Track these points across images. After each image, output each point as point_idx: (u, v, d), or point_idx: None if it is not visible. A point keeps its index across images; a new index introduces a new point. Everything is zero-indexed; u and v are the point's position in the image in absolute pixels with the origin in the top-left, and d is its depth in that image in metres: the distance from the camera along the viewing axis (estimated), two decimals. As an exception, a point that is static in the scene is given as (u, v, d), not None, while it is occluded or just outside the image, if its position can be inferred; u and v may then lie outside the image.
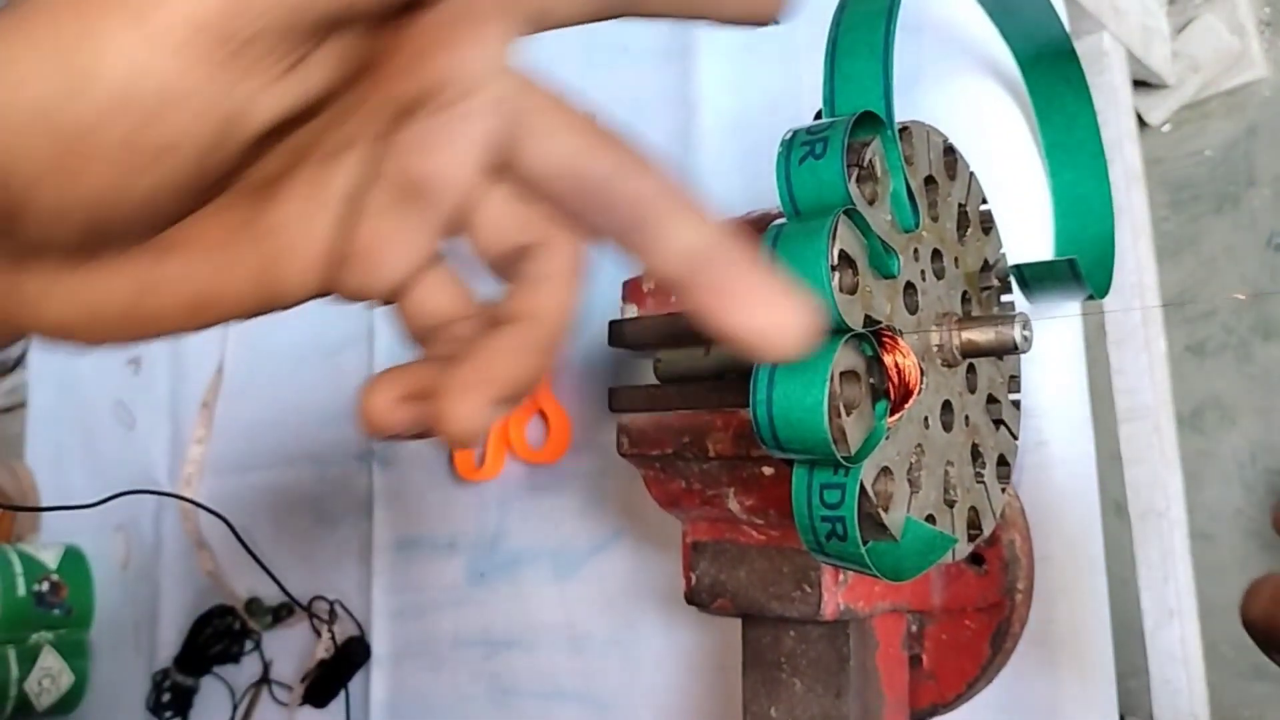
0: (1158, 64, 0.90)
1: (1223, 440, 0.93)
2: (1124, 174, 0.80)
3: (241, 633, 0.85)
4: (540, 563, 0.69)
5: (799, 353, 0.24)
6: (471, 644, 0.71)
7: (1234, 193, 0.94)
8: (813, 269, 0.33)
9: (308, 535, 0.82)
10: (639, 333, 0.48)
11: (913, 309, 0.38)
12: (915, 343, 0.38)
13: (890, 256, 0.36)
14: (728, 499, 0.46)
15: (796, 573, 0.45)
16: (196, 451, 0.90)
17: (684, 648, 0.62)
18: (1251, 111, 0.94)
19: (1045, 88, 0.50)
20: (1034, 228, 0.51)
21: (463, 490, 0.73)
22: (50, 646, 0.97)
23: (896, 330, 0.37)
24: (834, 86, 0.37)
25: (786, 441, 0.34)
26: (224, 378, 0.90)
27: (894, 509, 0.36)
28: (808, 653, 0.47)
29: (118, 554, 0.97)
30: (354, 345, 0.81)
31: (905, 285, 0.38)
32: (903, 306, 0.38)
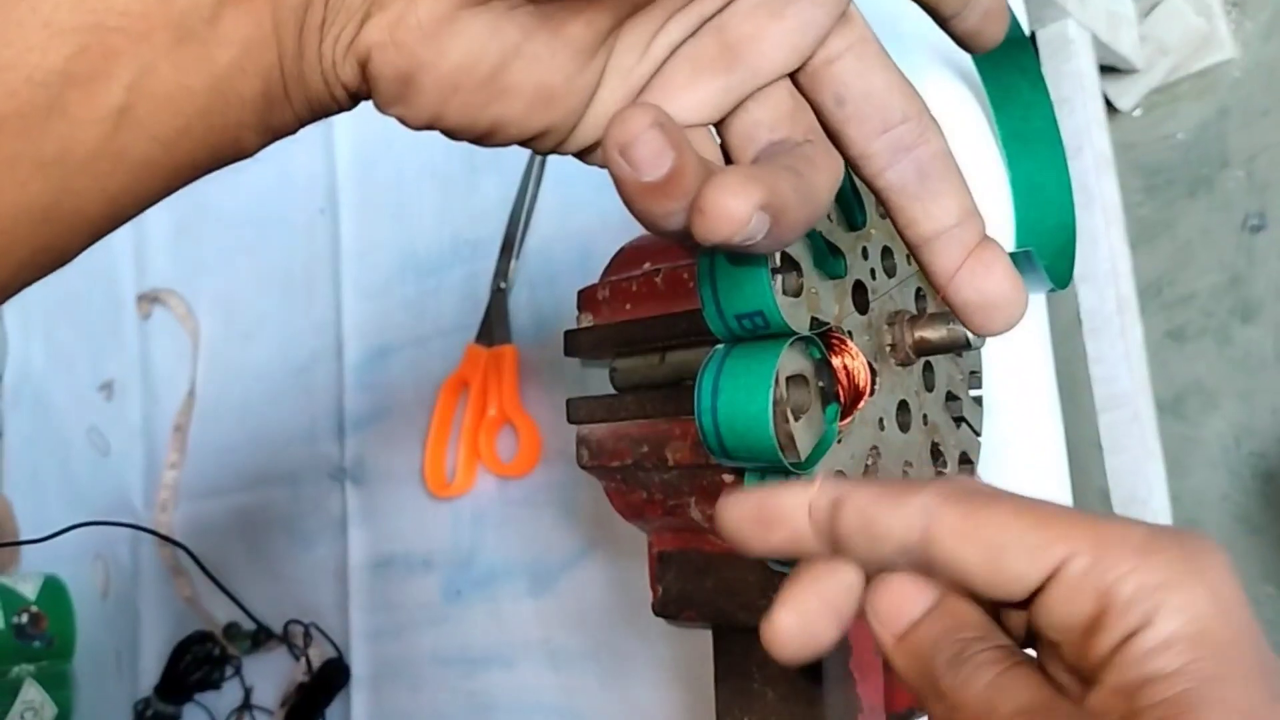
0: (1125, 49, 0.89)
1: (1206, 425, 0.92)
2: (1094, 161, 0.79)
3: (221, 658, 0.84)
4: (516, 578, 0.68)
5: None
6: (450, 662, 0.70)
7: (1207, 175, 0.93)
8: (754, 271, 0.33)
9: (284, 557, 0.81)
10: (594, 342, 0.47)
11: (863, 308, 0.37)
12: (867, 343, 0.37)
13: (836, 257, 0.36)
14: (690, 508, 0.45)
15: (762, 581, 0.44)
16: (170, 476, 0.89)
17: (661, 659, 0.61)
18: (1222, 93, 0.94)
19: (1000, 77, 0.49)
20: (993, 220, 0.50)
21: (436, 507, 0.72)
22: (32, 679, 0.95)
23: (845, 331, 0.36)
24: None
25: (734, 450, 0.33)
26: (196, 400, 0.89)
27: (850, 514, 0.35)
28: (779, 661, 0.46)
29: (97, 582, 0.96)
30: (323, 361, 0.80)
31: (854, 284, 0.37)
32: (852, 307, 0.37)
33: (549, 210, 0.69)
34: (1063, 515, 0.25)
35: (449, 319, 0.73)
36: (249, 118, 0.26)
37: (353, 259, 0.79)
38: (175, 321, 0.91)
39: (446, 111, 0.27)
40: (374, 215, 0.78)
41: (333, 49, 0.26)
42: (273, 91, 0.26)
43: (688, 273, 0.44)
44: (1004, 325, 0.28)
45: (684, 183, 0.23)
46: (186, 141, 0.26)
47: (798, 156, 0.27)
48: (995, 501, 0.25)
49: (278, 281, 0.84)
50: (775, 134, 0.28)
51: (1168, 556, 0.23)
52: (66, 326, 1.03)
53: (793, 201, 0.25)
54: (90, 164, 0.25)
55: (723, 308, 0.33)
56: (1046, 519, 0.24)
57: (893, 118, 0.28)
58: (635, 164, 0.23)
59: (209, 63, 0.25)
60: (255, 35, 0.25)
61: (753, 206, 0.23)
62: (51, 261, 0.27)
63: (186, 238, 0.92)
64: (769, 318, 0.33)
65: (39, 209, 0.25)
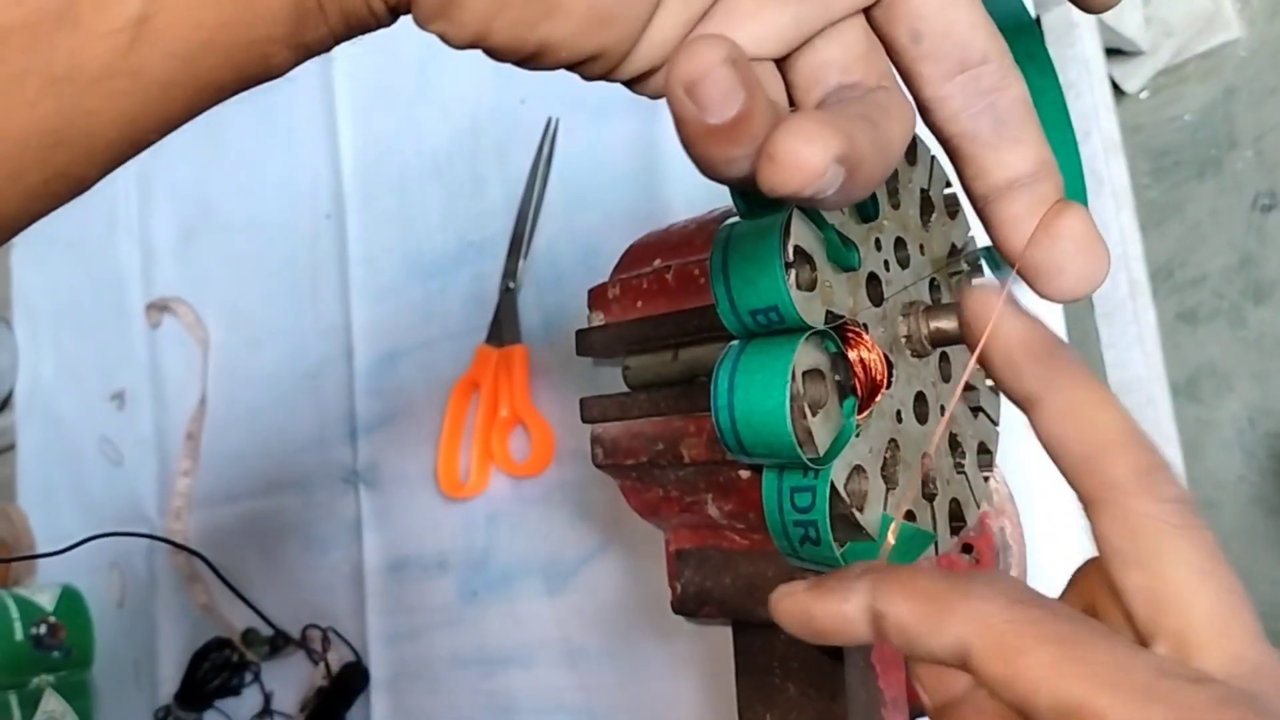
0: (1131, 31, 0.89)
1: (1221, 407, 0.92)
2: (1102, 144, 0.79)
3: (240, 665, 0.84)
4: (531, 577, 0.68)
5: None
6: (469, 663, 0.70)
7: (1216, 156, 0.93)
8: (767, 267, 0.32)
9: (299, 562, 0.81)
10: (606, 341, 0.47)
11: (877, 300, 0.37)
12: (882, 335, 0.37)
13: (849, 249, 0.35)
14: (707, 505, 0.45)
15: (782, 576, 0.44)
16: (183, 484, 0.89)
17: (679, 655, 0.61)
18: (1229, 73, 0.93)
19: (1007, 63, 0.49)
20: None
21: (450, 508, 0.72)
22: (52, 689, 0.96)
23: (860, 324, 0.36)
24: (781, 77, 0.36)
25: (751, 447, 0.33)
26: (207, 408, 0.89)
27: (869, 508, 0.35)
28: (800, 655, 0.46)
29: (113, 592, 0.96)
30: (333, 366, 0.80)
31: (868, 276, 0.37)
32: (866, 299, 0.37)
33: (555, 209, 0.69)
34: (1108, 676, 0.22)
35: (457, 321, 0.72)
36: (279, 31, 0.24)
37: (359, 263, 0.79)
38: (184, 330, 0.91)
39: (493, 29, 0.24)
40: (379, 219, 0.78)
41: None
42: (305, 2, 0.24)
43: (698, 269, 0.44)
44: (1077, 290, 0.25)
45: (753, 126, 0.21)
46: (210, 57, 0.23)
47: (871, 104, 0.25)
48: (1034, 647, 0.23)
49: (285, 287, 0.84)
50: (847, 77, 0.26)
51: None
52: (76, 337, 1.03)
53: (869, 153, 0.22)
54: (105, 81, 0.22)
55: (736, 304, 0.33)
56: (1087, 678, 0.22)
57: (972, 57, 0.26)
58: (702, 103, 0.20)
59: None
60: None
61: (830, 156, 0.21)
62: (67, 189, 0.25)
63: (193, 246, 0.92)
64: (784, 313, 0.32)
65: (50, 131, 0.23)
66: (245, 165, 0.88)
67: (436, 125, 0.75)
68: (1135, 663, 0.22)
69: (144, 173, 0.96)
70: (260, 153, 0.87)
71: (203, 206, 0.92)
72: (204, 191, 0.92)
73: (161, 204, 0.95)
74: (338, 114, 0.81)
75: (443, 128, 0.75)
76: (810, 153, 0.20)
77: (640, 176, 0.64)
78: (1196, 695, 0.21)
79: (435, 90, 0.75)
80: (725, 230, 0.34)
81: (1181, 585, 0.24)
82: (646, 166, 0.63)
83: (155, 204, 0.96)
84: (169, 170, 0.95)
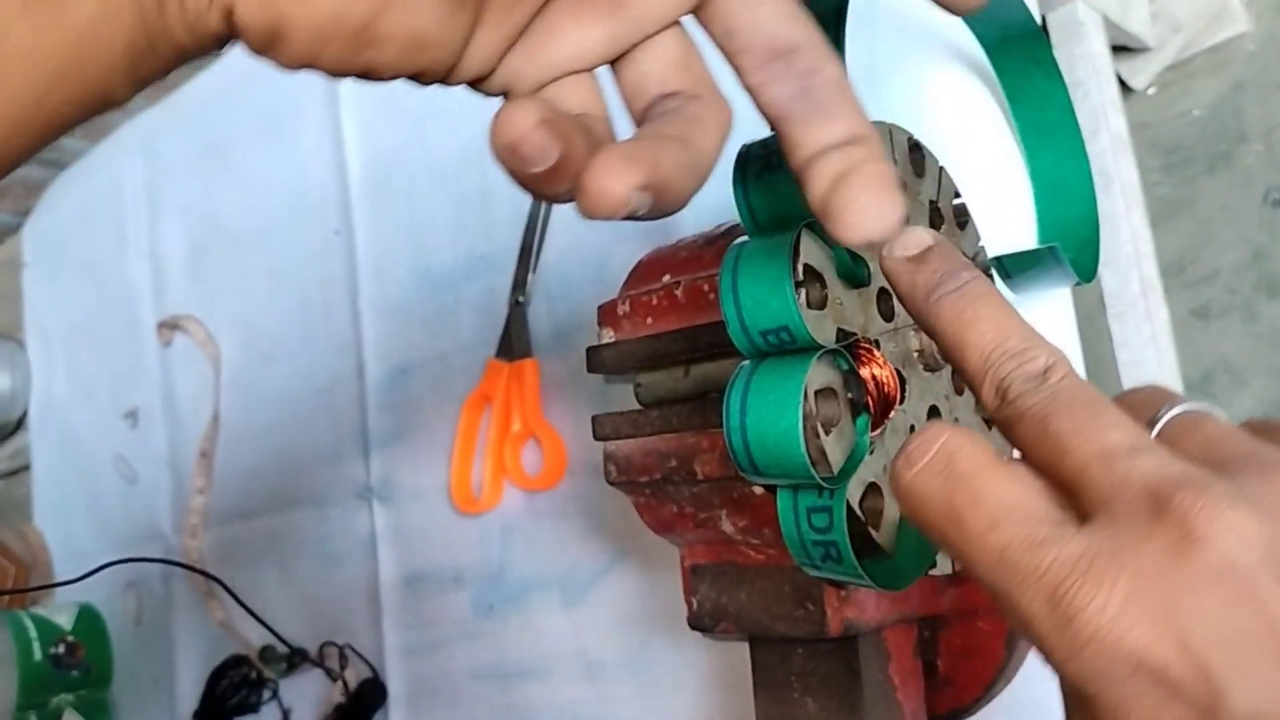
0: (1137, 27, 0.88)
1: (1235, 403, 0.91)
2: (1110, 143, 0.78)
3: (258, 681, 0.84)
4: (547, 590, 0.67)
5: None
6: (486, 677, 0.70)
7: (1226, 151, 0.92)
8: (777, 286, 0.32)
9: (315, 578, 0.81)
10: (616, 357, 0.46)
11: (888, 316, 0.37)
12: (894, 350, 0.37)
13: (859, 265, 0.35)
14: (721, 521, 0.44)
15: (798, 591, 0.44)
16: (198, 502, 0.89)
17: (697, 668, 0.60)
18: (1237, 67, 0.92)
19: (1014, 70, 0.49)
20: (1016, 216, 0.49)
21: (464, 522, 0.72)
22: (71, 708, 0.96)
23: (872, 340, 0.35)
24: (787, 94, 0.35)
25: (765, 468, 0.33)
26: (220, 425, 0.89)
27: (885, 525, 0.35)
28: (818, 670, 0.46)
29: (130, 611, 0.97)
30: (344, 382, 0.80)
31: (879, 292, 0.37)
32: (877, 315, 0.37)
33: (563, 221, 0.69)
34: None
35: (468, 334, 0.72)
36: (116, 72, 0.26)
37: (369, 278, 0.79)
38: (196, 347, 0.92)
39: (319, 59, 0.26)
40: (388, 234, 0.78)
41: (195, 2, 0.26)
42: (137, 45, 0.26)
43: (708, 284, 0.44)
44: (868, 231, 0.26)
45: (570, 168, 0.25)
46: (53, 98, 0.25)
47: (684, 120, 0.27)
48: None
49: (296, 304, 0.84)
50: (665, 87, 0.28)
51: None
52: (88, 356, 1.03)
53: (674, 175, 0.26)
54: None
55: (747, 324, 0.33)
56: None
57: (780, 45, 0.27)
58: (522, 159, 0.24)
59: (66, 23, 0.25)
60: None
61: (630, 188, 0.24)
62: None
63: (203, 263, 0.92)
64: (794, 332, 0.32)
65: None
66: (253, 182, 0.88)
67: (443, 138, 0.75)
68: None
69: (153, 191, 0.96)
70: (268, 169, 0.87)
71: (212, 224, 0.92)
72: (213, 209, 0.92)
73: (171, 222, 0.95)
74: (344, 129, 0.81)
75: (450, 140, 0.75)
76: (614, 186, 0.24)
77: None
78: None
79: (441, 103, 0.75)
80: (735, 250, 0.34)
81: None
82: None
83: (165, 222, 0.96)
84: (178, 188, 0.95)
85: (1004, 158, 0.49)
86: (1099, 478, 0.23)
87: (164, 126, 0.97)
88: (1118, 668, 0.21)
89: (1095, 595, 0.22)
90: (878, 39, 0.50)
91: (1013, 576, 0.23)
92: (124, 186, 1.00)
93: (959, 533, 0.24)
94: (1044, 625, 0.22)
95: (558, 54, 0.28)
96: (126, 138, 1.00)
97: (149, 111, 0.99)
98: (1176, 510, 0.22)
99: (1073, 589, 0.22)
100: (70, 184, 1.08)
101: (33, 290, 1.11)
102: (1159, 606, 0.21)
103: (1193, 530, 0.21)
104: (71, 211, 1.07)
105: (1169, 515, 0.22)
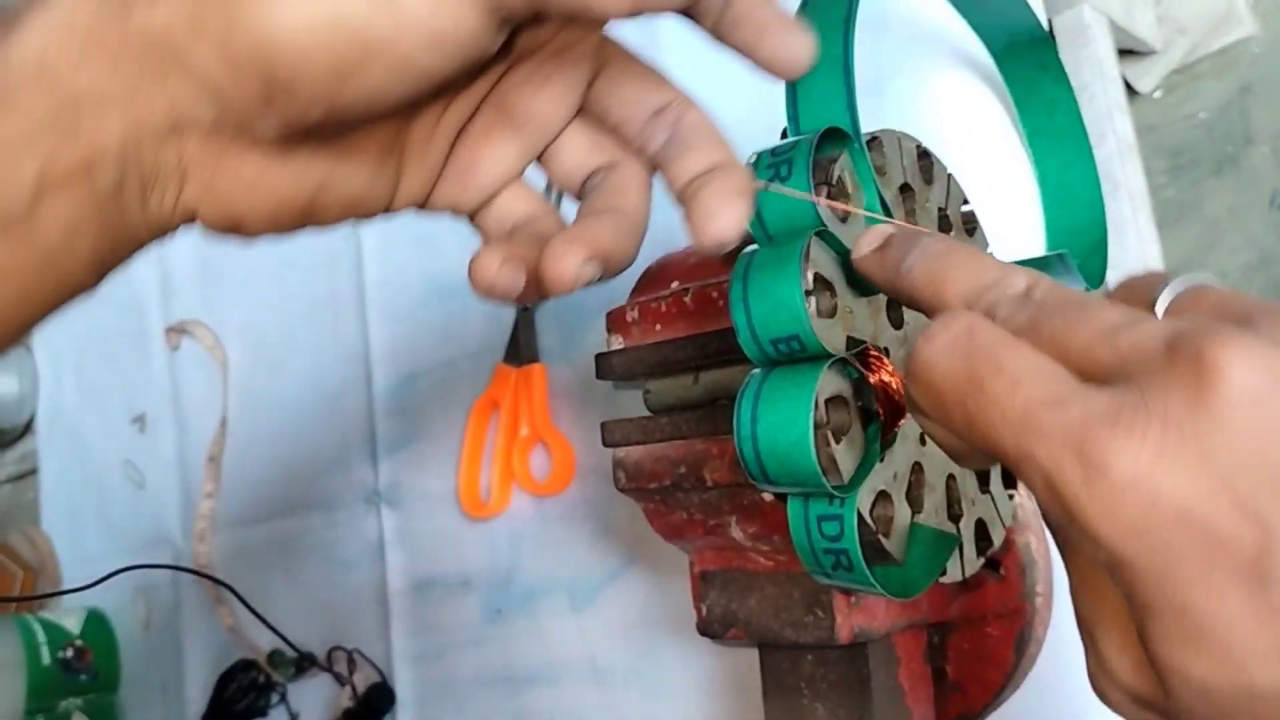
0: (1143, 30, 0.88)
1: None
2: (1117, 146, 0.78)
3: (266, 686, 0.84)
4: (556, 595, 0.68)
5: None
6: (495, 682, 0.71)
7: (1232, 153, 0.92)
8: (787, 296, 0.32)
9: (323, 582, 0.82)
10: (626, 364, 0.47)
11: (898, 323, 0.37)
12: (904, 357, 0.37)
13: (869, 273, 0.35)
14: (730, 527, 0.45)
15: (807, 597, 0.44)
16: (207, 507, 0.90)
17: (705, 673, 0.61)
18: (1243, 70, 0.92)
19: (1022, 76, 0.49)
20: (1024, 222, 0.49)
21: (472, 527, 0.72)
22: (80, 713, 0.96)
23: (881, 348, 0.35)
24: (797, 103, 0.36)
25: (776, 476, 0.33)
26: (228, 430, 0.90)
27: (895, 533, 0.35)
28: (828, 676, 0.46)
29: (139, 615, 0.97)
30: (353, 387, 0.80)
31: (888, 300, 0.37)
32: (887, 322, 0.37)
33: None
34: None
35: (476, 340, 0.73)
36: (84, 273, 0.30)
37: (377, 285, 0.79)
38: (204, 352, 0.92)
39: (273, 231, 0.31)
40: (396, 240, 0.78)
41: (158, 209, 0.29)
42: (101, 249, 0.29)
43: (716, 291, 0.44)
44: (719, 234, 0.29)
45: (533, 279, 0.30)
46: (27, 304, 0.29)
47: (609, 191, 0.32)
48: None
49: (304, 310, 0.84)
50: (586, 168, 0.33)
51: None
52: (97, 361, 1.03)
53: (613, 243, 0.30)
54: None
55: (758, 333, 0.33)
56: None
57: (649, 109, 0.32)
58: (501, 295, 0.30)
59: (36, 244, 0.28)
60: (76, 214, 0.28)
61: (579, 264, 0.29)
62: None
63: (211, 269, 0.93)
64: (805, 341, 0.32)
65: None
66: (260, 188, 0.89)
67: (450, 145, 0.75)
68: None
69: (160, 197, 0.97)
70: (275, 175, 0.87)
71: (219, 229, 0.92)
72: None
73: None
74: (351, 136, 0.81)
75: (456, 148, 0.75)
76: (564, 268, 0.29)
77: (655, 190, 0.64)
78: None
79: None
80: (745, 259, 0.34)
81: None
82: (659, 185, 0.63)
83: (172, 228, 0.96)
84: (185, 194, 0.95)
85: (1011, 163, 0.50)
86: (1106, 352, 0.22)
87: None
88: (1157, 519, 0.20)
89: (1127, 442, 0.20)
90: (885, 47, 0.50)
91: (1038, 435, 0.22)
92: (132, 192, 1.00)
93: (979, 398, 0.23)
94: (1073, 483, 0.21)
95: (484, 177, 0.33)
96: (134, 143, 1.01)
97: (156, 117, 0.99)
98: (1190, 350, 0.21)
99: (1103, 438, 0.21)
100: (78, 189, 1.08)
101: (41, 295, 1.11)
102: (1192, 451, 0.20)
103: (1211, 364, 0.20)
104: (79, 217, 1.07)
105: (1184, 356, 0.21)
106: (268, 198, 0.30)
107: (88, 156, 0.27)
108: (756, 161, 0.35)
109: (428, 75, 0.27)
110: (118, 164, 0.28)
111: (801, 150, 0.33)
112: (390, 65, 0.26)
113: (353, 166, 0.31)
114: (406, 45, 0.26)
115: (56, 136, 0.27)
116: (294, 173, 0.30)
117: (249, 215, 0.30)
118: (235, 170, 0.29)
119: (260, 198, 0.30)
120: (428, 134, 0.32)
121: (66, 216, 0.28)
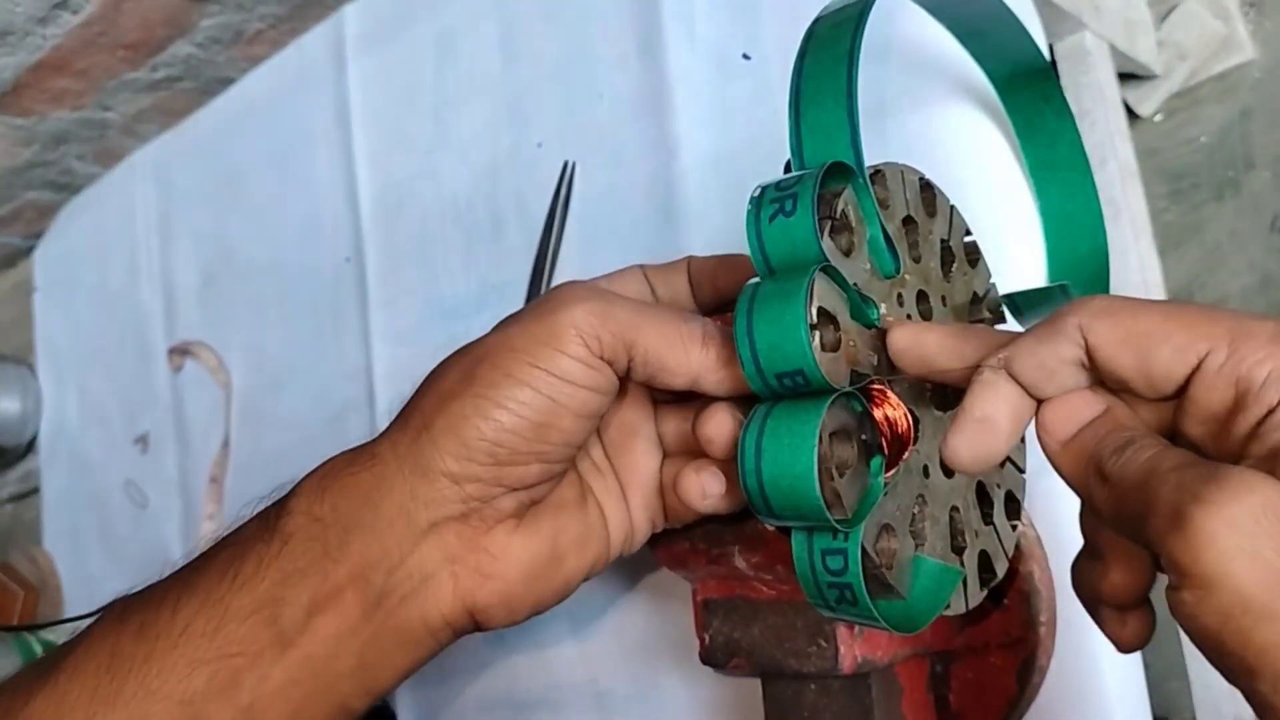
0: (1144, 55, 0.89)
1: (1245, 430, 0.91)
2: (1119, 172, 0.78)
3: (267, 708, 0.84)
4: (557, 620, 0.67)
5: None
6: (496, 707, 0.70)
7: (1233, 178, 0.92)
8: (792, 330, 0.33)
9: (325, 605, 0.81)
10: (630, 393, 0.47)
11: (902, 356, 0.37)
12: (907, 390, 0.37)
13: (869, 306, 0.35)
14: (734, 557, 0.45)
15: (810, 627, 0.44)
16: (208, 528, 0.90)
17: (708, 700, 0.60)
18: (1244, 94, 0.93)
19: (1024, 107, 0.49)
20: (1026, 252, 0.49)
21: (474, 551, 0.72)
22: (80, 733, 0.96)
23: (885, 381, 0.36)
24: (801, 137, 0.36)
25: (780, 510, 0.33)
26: (231, 451, 0.90)
27: (899, 567, 0.35)
28: (830, 706, 0.46)
29: (140, 635, 0.97)
30: (355, 410, 0.80)
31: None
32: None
33: (574, 251, 0.69)
34: (1202, 315, 0.27)
35: (479, 363, 0.73)
36: (350, 687, 0.37)
37: (380, 306, 0.79)
38: (207, 373, 0.92)
39: (544, 596, 0.42)
40: (400, 262, 0.78)
41: (430, 605, 0.37)
42: (367, 657, 0.36)
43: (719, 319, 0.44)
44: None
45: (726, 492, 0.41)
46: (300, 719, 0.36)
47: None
48: (1142, 310, 0.28)
49: (307, 331, 0.84)
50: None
51: None
52: (99, 381, 1.04)
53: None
54: None
55: (763, 367, 0.33)
56: (1188, 320, 0.27)
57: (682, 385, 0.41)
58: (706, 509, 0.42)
59: (309, 659, 0.35)
60: (344, 625, 0.35)
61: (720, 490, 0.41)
62: None
63: (214, 290, 0.93)
64: (809, 376, 0.33)
65: None
66: (265, 209, 0.89)
67: (455, 169, 0.75)
68: (1226, 313, 0.28)
69: (165, 216, 0.97)
70: (280, 198, 0.88)
71: (223, 250, 0.92)
72: (225, 235, 0.92)
73: (183, 248, 0.96)
74: (356, 158, 0.81)
75: (461, 171, 0.75)
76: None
77: (657, 219, 0.64)
78: (1268, 323, 0.27)
79: (452, 135, 0.75)
80: (749, 291, 0.34)
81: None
82: (663, 209, 0.63)
83: (176, 248, 0.96)
84: (190, 215, 0.95)
85: (1014, 194, 0.50)
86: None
87: (176, 153, 0.97)
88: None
89: None
90: (888, 77, 0.50)
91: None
92: (136, 211, 1.00)
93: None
94: None
95: (700, 499, 0.42)
96: (138, 163, 1.01)
97: (161, 138, 0.99)
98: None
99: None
100: (82, 208, 1.09)
101: (44, 314, 1.11)
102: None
103: None
104: (83, 236, 1.08)
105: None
106: (521, 559, 0.38)
107: (353, 571, 0.35)
108: (760, 196, 0.35)
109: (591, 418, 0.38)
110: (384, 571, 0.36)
111: (806, 186, 0.34)
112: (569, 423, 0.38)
113: (570, 516, 0.41)
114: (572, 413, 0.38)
115: (328, 564, 0.35)
116: (544, 532, 0.39)
117: (516, 588, 0.39)
118: (502, 543, 0.38)
119: (513, 562, 0.38)
120: (594, 469, 0.43)
121: (334, 630, 0.35)
